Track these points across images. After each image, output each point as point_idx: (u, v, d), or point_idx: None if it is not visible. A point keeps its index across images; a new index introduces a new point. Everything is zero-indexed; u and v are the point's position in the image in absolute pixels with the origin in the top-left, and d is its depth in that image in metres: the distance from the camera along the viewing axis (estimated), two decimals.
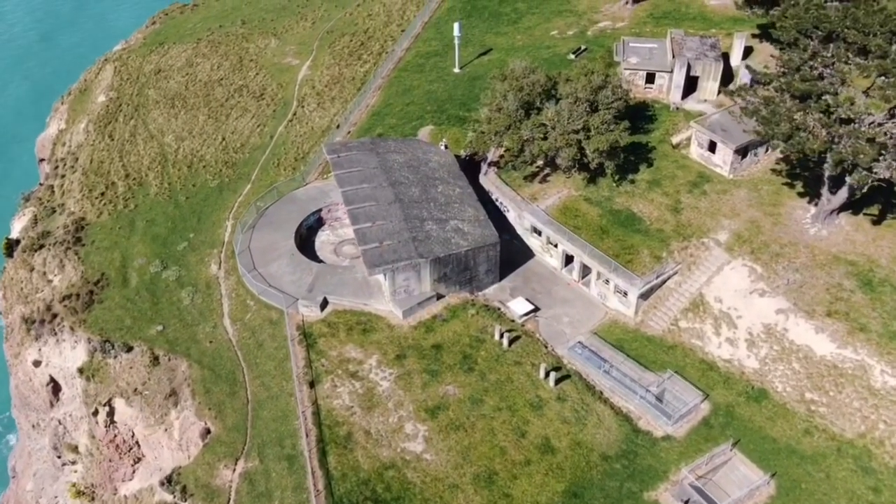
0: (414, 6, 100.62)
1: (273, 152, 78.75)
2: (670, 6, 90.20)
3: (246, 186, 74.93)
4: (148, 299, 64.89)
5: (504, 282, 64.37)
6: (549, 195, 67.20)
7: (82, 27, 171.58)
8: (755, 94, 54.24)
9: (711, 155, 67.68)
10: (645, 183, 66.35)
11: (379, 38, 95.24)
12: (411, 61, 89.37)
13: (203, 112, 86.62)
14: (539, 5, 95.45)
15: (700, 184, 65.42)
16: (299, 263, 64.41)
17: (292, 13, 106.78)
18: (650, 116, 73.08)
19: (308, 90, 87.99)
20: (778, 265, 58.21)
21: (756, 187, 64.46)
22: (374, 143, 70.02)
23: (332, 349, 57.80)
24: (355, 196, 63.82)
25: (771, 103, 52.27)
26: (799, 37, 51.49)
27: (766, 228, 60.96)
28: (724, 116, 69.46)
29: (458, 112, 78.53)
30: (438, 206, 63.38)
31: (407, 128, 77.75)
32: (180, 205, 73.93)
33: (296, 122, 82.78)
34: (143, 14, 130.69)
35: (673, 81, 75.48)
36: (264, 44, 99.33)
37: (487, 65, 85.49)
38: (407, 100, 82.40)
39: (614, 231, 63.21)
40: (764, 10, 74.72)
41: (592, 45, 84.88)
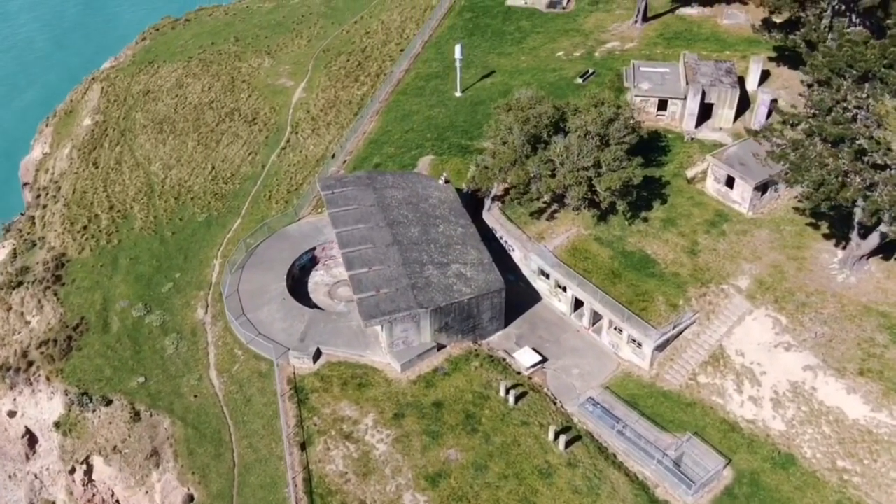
0: (414, 24, 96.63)
1: (265, 183, 74.71)
2: (681, 26, 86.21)
3: (235, 221, 70.90)
4: (129, 347, 60.87)
5: (509, 328, 60.37)
6: (557, 234, 63.16)
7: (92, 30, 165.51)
8: (782, 136, 50.17)
9: (729, 190, 63.74)
10: (659, 221, 62.34)
11: (377, 58, 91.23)
12: (411, 84, 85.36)
13: (192, 138, 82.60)
14: (544, 24, 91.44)
15: (718, 223, 61.42)
16: (291, 309, 60.39)
17: (287, 30, 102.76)
18: (663, 147, 69.09)
19: (302, 114, 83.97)
20: (804, 316, 54.18)
21: (778, 227, 60.44)
22: (371, 177, 66.00)
23: (326, 406, 53.79)
24: (350, 238, 59.80)
25: (800, 147, 48.26)
26: (832, 76, 47.41)
27: (790, 274, 56.93)
28: (742, 148, 65.54)
29: (459, 140, 74.54)
30: (439, 249, 59.36)
31: (406, 157, 73.78)
32: (166, 241, 69.89)
33: (289, 149, 78.76)
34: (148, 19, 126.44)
35: (686, 109, 71.64)
36: (258, 63, 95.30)
37: (490, 88, 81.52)
38: (406, 126, 78.39)
39: (627, 275, 59.18)
40: (783, 35, 70.97)
41: (600, 67, 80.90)
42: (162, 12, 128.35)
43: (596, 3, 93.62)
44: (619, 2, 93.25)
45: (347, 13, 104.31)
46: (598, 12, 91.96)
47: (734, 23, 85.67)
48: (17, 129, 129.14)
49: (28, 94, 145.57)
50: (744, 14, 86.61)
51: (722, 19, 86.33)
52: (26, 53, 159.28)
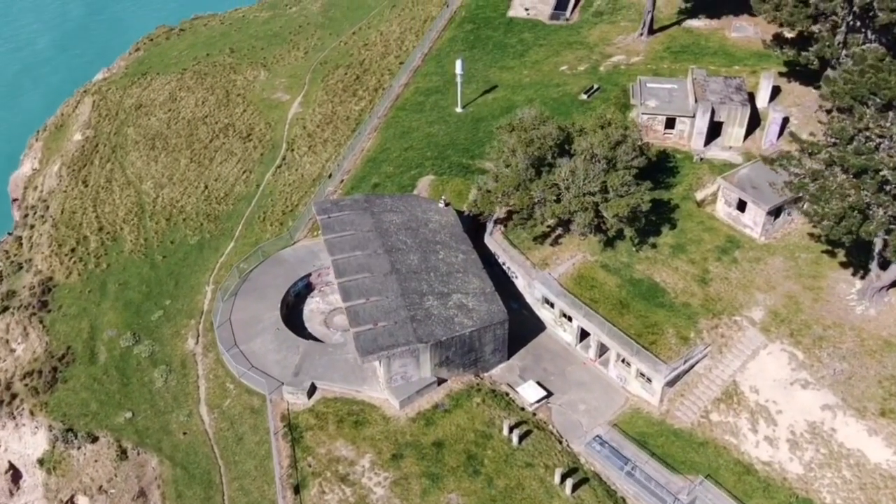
0: (413, 35, 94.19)
1: (259, 204, 72.27)
2: (688, 39, 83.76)
3: (229, 244, 68.48)
4: (117, 379, 58.44)
5: (513, 360, 57.97)
6: (562, 260, 60.73)
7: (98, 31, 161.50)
8: (800, 165, 47.72)
9: (741, 214, 61.39)
10: (668, 248, 59.92)
11: (375, 72, 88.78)
12: (410, 99, 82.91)
13: (185, 155, 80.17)
14: (547, 36, 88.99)
15: (729, 250, 59.00)
16: (285, 340, 57.99)
17: (284, 41, 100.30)
18: (671, 168, 66.68)
19: (299, 131, 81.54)
20: (822, 351, 51.77)
21: (792, 255, 58.03)
22: (369, 200, 63.56)
23: (321, 445, 51.36)
24: (347, 266, 57.37)
25: (819, 177, 45.81)
26: (854, 104, 44.97)
27: (805, 305, 54.52)
28: (754, 170, 63.21)
29: (460, 159, 72.10)
30: (439, 277, 56.93)
31: (405, 177, 71.35)
32: (156, 265, 67.44)
33: (285, 168, 76.33)
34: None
35: (695, 127, 69.24)
36: (253, 76, 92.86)
37: (492, 104, 79.08)
38: (405, 144, 75.95)
39: (635, 305, 56.75)
40: (795, 51, 68.56)
41: (606, 83, 78.45)
42: (162, 17, 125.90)
43: (600, 15, 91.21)
44: (624, 13, 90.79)
45: (345, 23, 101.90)
46: (602, 24, 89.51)
47: (743, 36, 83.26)
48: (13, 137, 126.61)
49: (29, 99, 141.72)
50: (752, 27, 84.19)
51: (730, 32, 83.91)
52: (29, 57, 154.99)
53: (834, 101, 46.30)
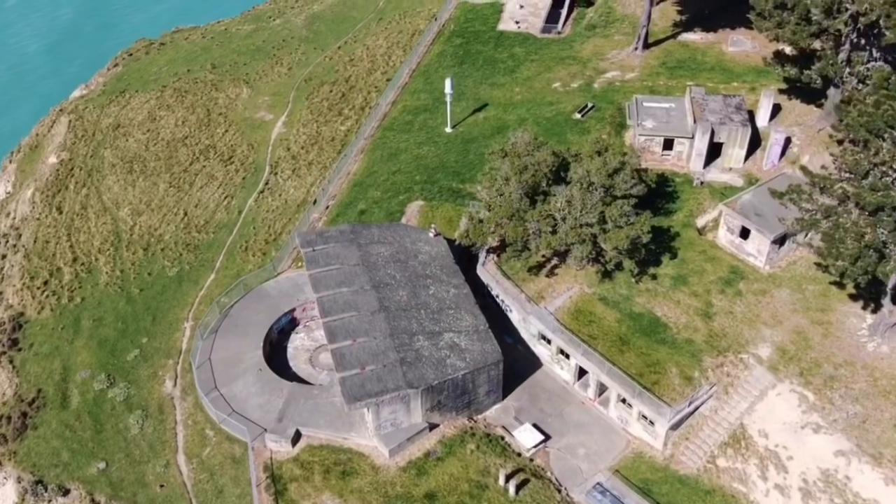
0: (400, 50, 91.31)
1: (241, 232, 69.23)
2: (685, 53, 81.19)
3: (209, 276, 65.43)
4: (90, 426, 55.35)
5: (508, 400, 55.17)
6: (558, 293, 57.96)
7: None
8: (811, 199, 45.04)
9: (744, 242, 58.84)
10: (669, 279, 57.24)
11: (362, 89, 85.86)
12: (398, 118, 80.00)
13: (164, 178, 77.05)
14: (538, 51, 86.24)
15: (733, 281, 56.36)
16: (268, 382, 55.01)
17: (267, 56, 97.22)
18: (670, 193, 64.04)
19: (282, 152, 78.52)
20: (833, 392, 49.16)
21: (799, 286, 55.43)
22: (355, 230, 60.62)
23: (306, 498, 48.44)
24: (333, 304, 54.42)
25: (832, 214, 43.14)
26: (870, 137, 42.35)
27: (815, 341, 51.92)
28: (757, 196, 60.63)
29: (450, 183, 69.25)
30: (430, 315, 54.04)
31: (393, 203, 68.44)
32: (133, 299, 64.31)
33: (268, 193, 73.31)
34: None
35: (694, 149, 66.67)
36: (235, 93, 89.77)
37: (483, 124, 76.27)
38: (393, 167, 73.04)
39: (636, 341, 54.03)
40: (797, 69, 66.01)
41: (600, 100, 75.75)
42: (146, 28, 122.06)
43: (593, 28, 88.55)
44: (617, 26, 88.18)
45: (330, 37, 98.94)
46: (595, 38, 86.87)
47: (740, 50, 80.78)
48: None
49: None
50: (750, 41, 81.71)
51: (727, 46, 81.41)
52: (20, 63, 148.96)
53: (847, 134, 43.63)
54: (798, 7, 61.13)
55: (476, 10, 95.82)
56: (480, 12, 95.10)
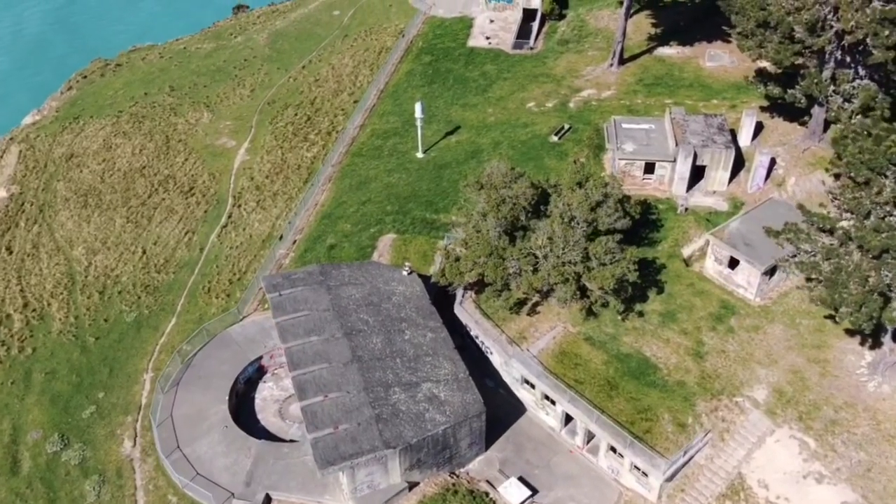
0: (367, 69, 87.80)
1: (203, 272, 65.35)
2: (661, 69, 78.67)
3: (170, 321, 61.50)
4: (42, 494, 51.35)
5: (491, 451, 51.99)
6: (541, 332, 54.91)
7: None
8: (809, 239, 42.35)
9: (732, 273, 56.24)
10: (657, 316, 54.44)
11: (328, 112, 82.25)
12: (366, 143, 76.55)
13: (121, 213, 72.89)
14: (511, 68, 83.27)
15: (724, 317, 53.70)
16: (235, 440, 51.38)
17: (228, 76, 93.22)
18: (654, 222, 61.29)
19: (246, 182, 74.70)
20: (835, 438, 46.59)
21: (793, 321, 52.88)
22: (324, 271, 57.11)
23: None
24: (302, 356, 50.89)
25: (833, 256, 40.47)
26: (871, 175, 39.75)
27: (812, 382, 49.36)
28: (745, 223, 58.14)
29: (423, 213, 65.98)
30: (406, 363, 50.73)
31: (364, 236, 65.01)
32: (88, 348, 60.23)
33: (231, 227, 69.46)
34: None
35: (677, 172, 64.05)
36: (195, 118, 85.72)
37: (455, 148, 73.11)
38: (363, 196, 69.58)
39: (625, 385, 51.12)
40: (780, 88, 63.67)
41: (576, 121, 72.95)
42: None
43: (566, 44, 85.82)
44: (590, 41, 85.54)
45: (294, 56, 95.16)
46: (568, 53, 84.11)
47: (718, 65, 78.44)
48: None
49: None
50: (727, 54, 79.47)
51: (705, 61, 79.07)
52: None
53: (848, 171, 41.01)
54: (781, 25, 58.73)
55: (445, 25, 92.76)
56: (449, 28, 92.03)
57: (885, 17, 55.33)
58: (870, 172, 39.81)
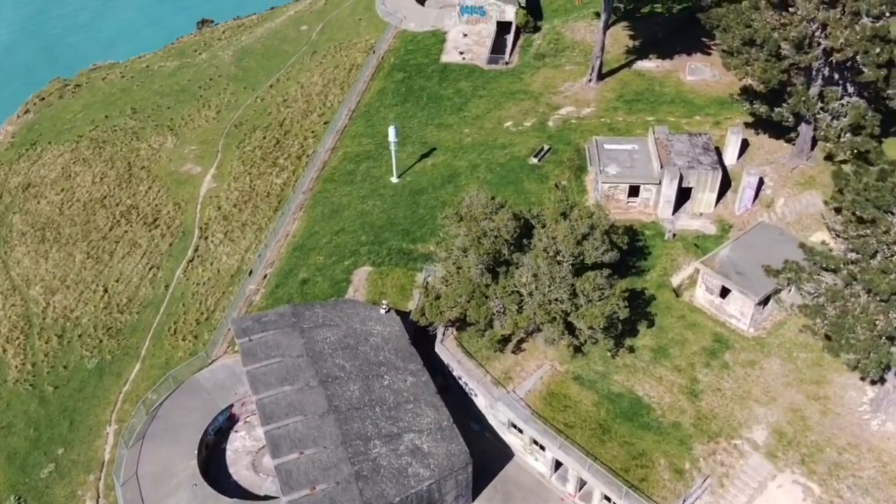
0: (337, 88, 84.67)
1: (168, 311, 61.96)
2: (642, 84, 76.36)
3: (134, 367, 58.11)
4: None
5: (478, 502, 49.15)
6: (527, 372, 52.22)
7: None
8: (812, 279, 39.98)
9: (724, 303, 53.94)
10: (648, 352, 51.93)
11: (298, 134, 79.04)
12: (338, 167, 73.46)
13: (81, 248, 69.26)
14: (486, 84, 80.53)
15: (718, 352, 51.30)
16: (205, 499, 48.10)
17: (192, 97, 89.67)
18: (641, 249, 58.83)
19: (213, 212, 71.31)
20: (840, 482, 44.30)
21: (790, 354, 50.60)
22: (297, 312, 53.98)
23: None
24: (275, 408, 47.75)
25: (839, 298, 38.12)
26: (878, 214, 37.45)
27: (813, 421, 47.07)
28: (735, 250, 55.82)
29: (400, 243, 63.05)
30: (386, 412, 47.78)
31: (338, 269, 61.96)
32: (47, 399, 56.71)
33: (198, 262, 66.10)
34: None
35: (662, 195, 61.73)
36: (159, 143, 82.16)
37: (432, 172, 70.22)
38: (336, 225, 66.52)
39: (618, 428, 48.56)
40: (767, 107, 61.51)
41: (556, 141, 70.40)
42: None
43: (542, 58, 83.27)
44: (567, 55, 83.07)
45: (261, 74, 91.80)
46: (545, 68, 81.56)
47: (699, 79, 76.30)
48: None
49: None
50: (708, 68, 77.41)
51: (685, 75, 76.89)
52: None
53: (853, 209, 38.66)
54: (768, 43, 56.50)
55: (417, 39, 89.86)
56: (422, 42, 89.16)
57: (876, 35, 53.41)
58: (876, 211, 37.54)
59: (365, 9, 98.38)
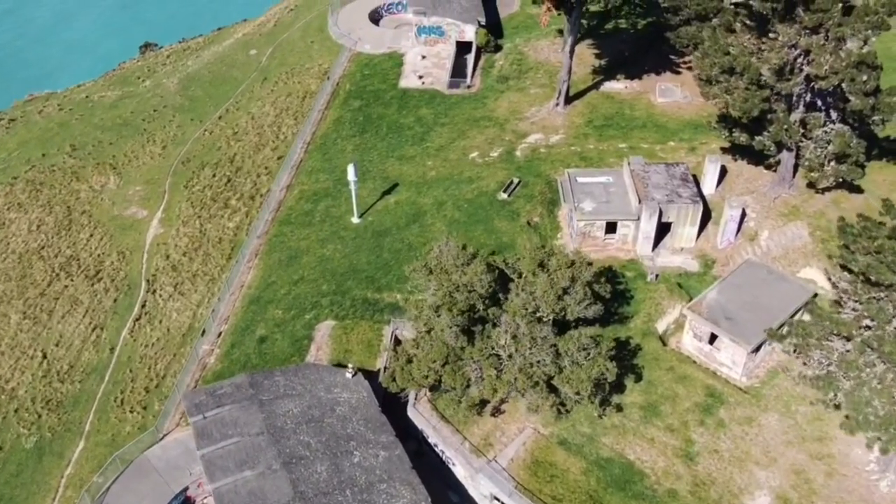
0: (291, 118, 79.91)
1: (115, 378, 56.86)
2: (611, 108, 73.07)
3: (77, 445, 52.98)
4: None
5: None
6: (509, 437, 48.36)
7: None
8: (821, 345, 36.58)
9: (715, 350, 50.70)
10: (637, 409, 48.38)
11: (250, 171, 74.17)
12: (295, 207, 68.76)
13: (16, 307, 63.72)
14: (448, 111, 76.49)
15: (712, 408, 47.96)
16: None
17: (136, 131, 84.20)
18: (623, 293, 55.34)
19: (161, 262, 66.19)
20: None
21: (788, 408, 47.41)
22: (255, 381, 49.37)
23: None
24: (234, 497, 43.17)
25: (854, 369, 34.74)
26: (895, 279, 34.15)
27: (818, 484, 43.89)
28: (723, 292, 52.73)
29: (364, 292, 58.72)
30: (358, 495, 43.49)
31: (298, 324, 57.41)
32: None
33: (145, 320, 60.98)
34: None
35: (641, 231, 58.43)
36: (101, 184, 76.69)
37: (395, 210, 65.97)
38: (295, 274, 61.90)
39: (610, 499, 45.01)
40: (747, 135, 58.47)
41: (525, 173, 66.72)
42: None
43: (506, 81, 79.53)
44: (532, 77, 79.45)
45: (209, 104, 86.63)
46: (509, 92, 77.82)
47: (671, 101, 73.23)
48: None
49: None
50: (679, 88, 74.45)
51: (656, 96, 73.83)
52: None
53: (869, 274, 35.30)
54: (748, 71, 53.29)
55: (373, 63, 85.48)
56: (378, 66, 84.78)
57: (862, 62, 50.53)
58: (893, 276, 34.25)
59: (317, 30, 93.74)
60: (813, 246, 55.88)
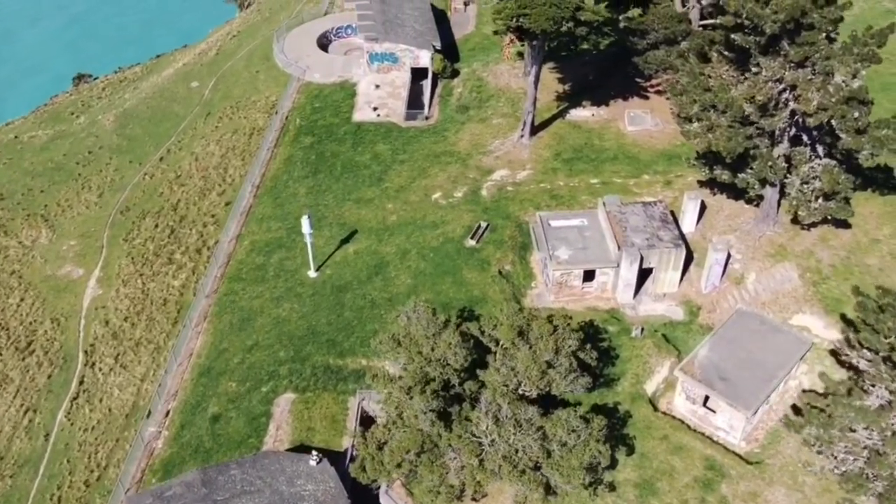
0: (238, 158, 74.51)
1: (50, 472, 51.10)
2: (579, 138, 69.18)
3: None
4: None
5: None
6: None
7: None
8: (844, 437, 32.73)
9: (710, 413, 46.88)
10: (632, 488, 44.27)
11: (196, 220, 68.62)
12: (246, 261, 63.40)
13: None
14: (406, 146, 71.80)
15: (713, 483, 44.06)
16: None
17: (70, 176, 78.04)
18: (607, 351, 51.14)
19: (99, 329, 60.41)
20: None
21: (794, 479, 43.73)
22: (207, 478, 44.09)
23: None
24: None
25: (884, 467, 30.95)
26: None
27: None
28: (715, 349, 48.94)
29: (326, 358, 53.83)
30: None
31: (255, 398, 52.25)
32: None
33: (84, 399, 55.27)
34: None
35: (621, 279, 54.51)
36: (31, 238, 70.50)
37: (355, 262, 61.05)
38: (248, 339, 56.65)
39: None
40: (730, 173, 54.88)
41: (493, 215, 62.41)
42: None
43: (466, 110, 75.16)
44: (493, 105, 75.22)
45: (148, 144, 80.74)
46: (470, 123, 73.48)
47: (641, 129, 69.52)
48: None
49: None
50: (649, 115, 70.77)
51: (625, 124, 70.10)
52: None
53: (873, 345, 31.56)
54: (732, 107, 49.58)
55: (324, 94, 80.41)
56: (329, 97, 79.75)
57: (853, 97, 47.11)
58: None
59: (262, 58, 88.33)
60: (804, 290, 52.52)
